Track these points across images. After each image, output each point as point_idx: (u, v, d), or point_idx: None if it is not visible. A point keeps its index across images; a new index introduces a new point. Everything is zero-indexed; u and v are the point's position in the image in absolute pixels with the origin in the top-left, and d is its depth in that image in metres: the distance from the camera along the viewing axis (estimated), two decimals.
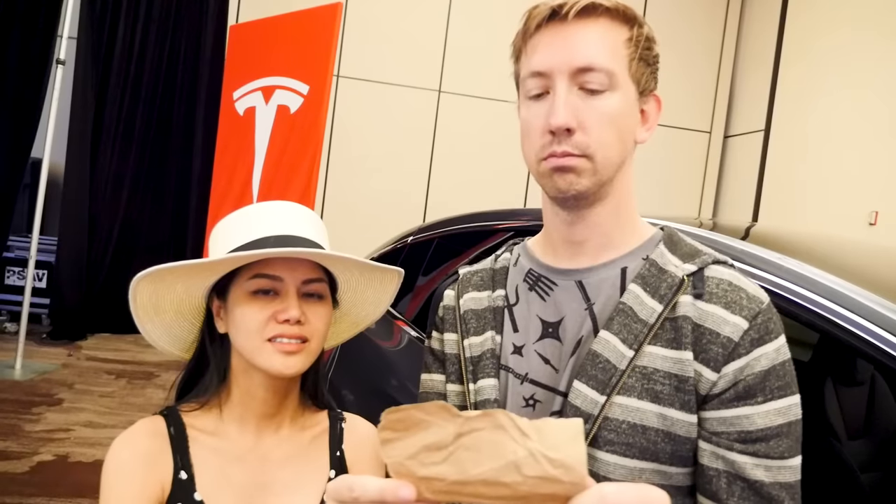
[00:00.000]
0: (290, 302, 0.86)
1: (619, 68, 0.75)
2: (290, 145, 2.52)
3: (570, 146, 0.74)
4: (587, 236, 0.81)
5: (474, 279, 0.92)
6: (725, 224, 1.75)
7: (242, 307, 0.87)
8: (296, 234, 0.90)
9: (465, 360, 0.86)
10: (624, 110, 0.76)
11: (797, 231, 1.69)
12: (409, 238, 2.32)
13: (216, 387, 0.92)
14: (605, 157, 0.75)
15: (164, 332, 0.96)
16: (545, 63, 0.76)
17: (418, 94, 6.00)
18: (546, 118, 0.75)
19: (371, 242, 3.97)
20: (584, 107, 0.74)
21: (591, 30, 0.75)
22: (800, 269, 1.09)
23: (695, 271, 0.76)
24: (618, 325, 0.75)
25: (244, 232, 0.89)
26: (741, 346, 0.72)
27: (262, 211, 0.92)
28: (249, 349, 0.87)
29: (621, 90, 0.75)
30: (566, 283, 0.82)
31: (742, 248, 1.21)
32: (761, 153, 5.88)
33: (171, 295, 0.90)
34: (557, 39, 0.75)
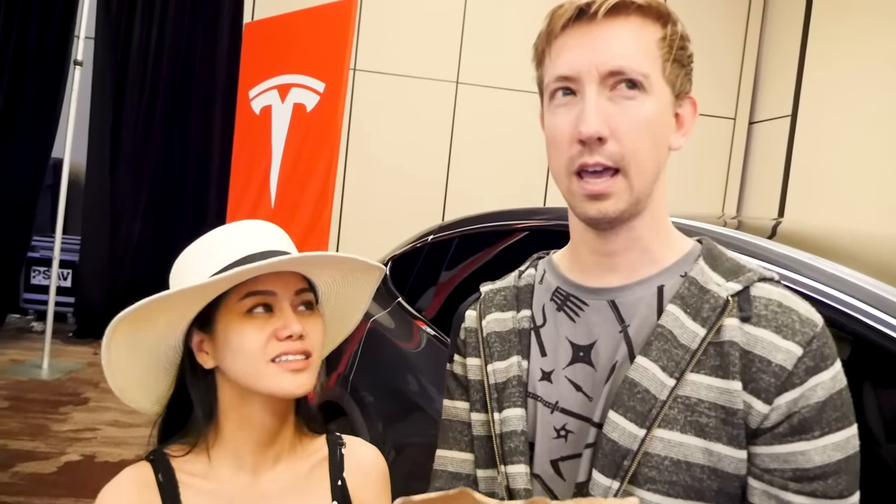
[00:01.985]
0: (289, 317, 0.82)
1: (653, 70, 0.70)
2: (307, 144, 2.49)
3: (603, 156, 0.68)
4: (620, 253, 0.75)
5: (497, 298, 0.86)
6: (750, 222, 1.69)
7: (238, 330, 0.82)
8: (275, 248, 0.87)
9: (490, 386, 0.80)
10: (659, 115, 0.71)
11: (827, 227, 1.62)
12: (430, 237, 2.28)
13: (203, 427, 0.86)
14: (640, 169, 0.70)
15: (137, 385, 0.89)
16: (572, 66, 0.70)
17: (435, 85, 5.94)
18: (575, 126, 0.69)
19: (391, 238, 3.94)
20: (616, 112, 0.68)
21: (623, 29, 0.69)
22: (833, 271, 1.04)
23: (740, 290, 0.70)
24: (656, 351, 0.69)
25: (225, 253, 0.85)
26: (795, 376, 0.66)
27: (235, 231, 0.89)
28: (253, 374, 0.82)
29: (656, 94, 0.70)
30: (598, 302, 0.76)
31: (773, 248, 1.16)
32: (788, 140, 5.74)
33: (152, 332, 0.84)
34: (585, 40, 0.69)
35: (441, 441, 0.89)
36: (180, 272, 0.88)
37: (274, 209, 2.60)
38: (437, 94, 5.93)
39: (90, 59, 4.96)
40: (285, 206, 2.54)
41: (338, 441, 0.95)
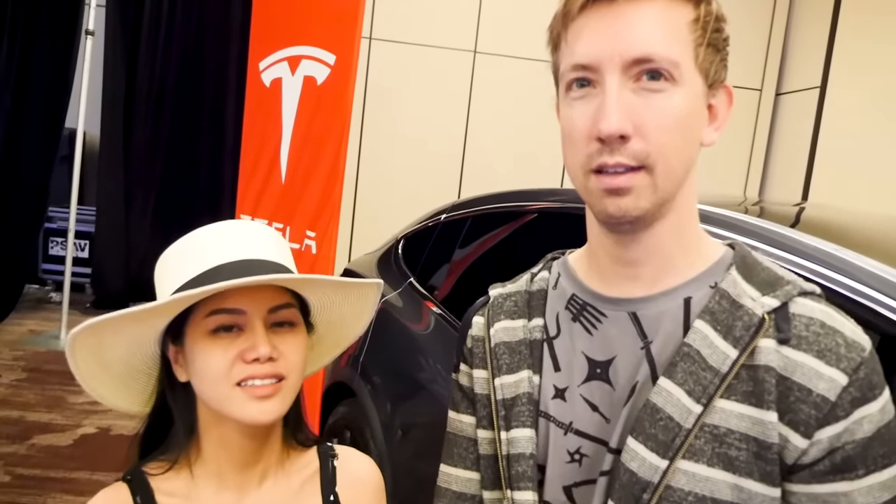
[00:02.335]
0: (258, 337, 0.74)
1: (684, 57, 0.61)
2: (318, 118, 2.42)
3: (626, 156, 0.60)
4: (642, 259, 0.67)
5: (507, 304, 0.78)
6: (773, 208, 1.61)
7: (203, 350, 0.75)
8: (253, 256, 0.78)
9: (497, 402, 0.73)
10: (690, 108, 0.62)
11: (853, 213, 1.54)
12: (443, 216, 2.23)
13: (184, 443, 0.80)
14: (667, 168, 0.62)
15: (117, 387, 0.82)
16: (591, 53, 0.62)
17: (453, 55, 5.82)
18: (593, 122, 0.61)
19: (407, 208, 3.88)
20: (641, 106, 0.60)
21: (649, 10, 0.61)
22: (858, 262, 0.97)
23: (777, 307, 0.62)
24: (682, 373, 0.62)
25: (194, 262, 0.77)
26: (839, 408, 0.58)
27: (212, 235, 0.80)
28: (217, 398, 0.75)
29: (686, 84, 0.62)
30: (617, 314, 0.68)
31: (794, 236, 1.09)
32: (816, 112, 5.56)
33: (117, 347, 0.77)
34: (606, 23, 0.61)
35: (445, 455, 0.83)
36: (160, 273, 0.81)
37: (284, 185, 2.55)
38: (454, 63, 5.81)
39: (101, 29, 4.90)
40: (295, 182, 2.49)
41: (329, 452, 0.89)
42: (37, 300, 5.44)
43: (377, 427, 1.99)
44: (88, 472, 2.76)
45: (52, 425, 3.17)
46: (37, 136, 4.74)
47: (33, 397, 3.46)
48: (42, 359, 4.03)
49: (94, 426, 3.21)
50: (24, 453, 2.86)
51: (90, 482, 2.68)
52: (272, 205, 2.64)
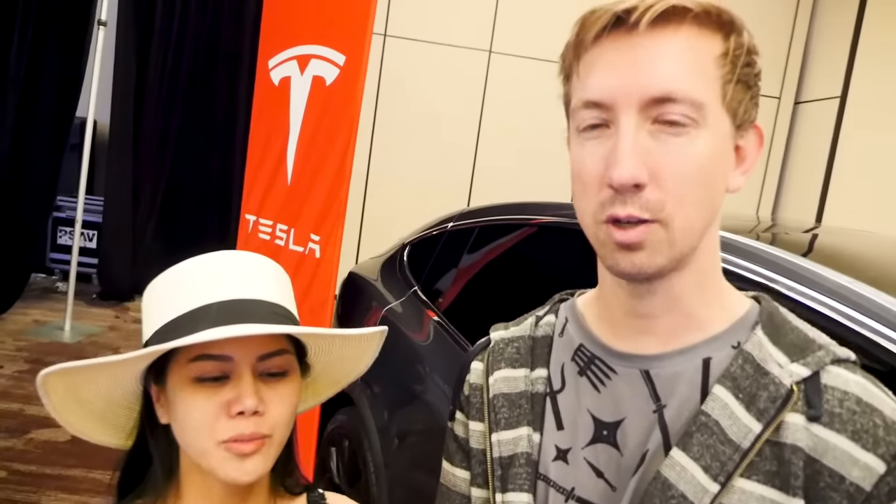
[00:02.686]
0: (244, 388, 0.66)
1: (710, 96, 0.55)
2: (326, 119, 2.37)
3: (638, 207, 0.54)
4: (658, 313, 0.61)
5: (508, 351, 0.71)
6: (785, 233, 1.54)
7: (184, 399, 0.68)
8: (245, 295, 0.70)
9: (493, 460, 0.67)
10: (714, 154, 0.56)
11: (869, 239, 1.47)
12: (449, 224, 2.17)
13: (162, 487, 0.73)
14: (686, 222, 0.55)
15: (96, 424, 0.75)
16: (605, 89, 0.56)
17: (467, 54, 5.76)
18: (606, 167, 0.55)
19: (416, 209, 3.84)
20: (659, 151, 0.54)
21: (672, 44, 0.54)
22: (874, 297, 0.91)
23: (807, 377, 0.55)
24: (698, 446, 0.56)
25: (179, 300, 0.70)
26: (875, 499, 0.52)
27: (201, 269, 0.72)
28: (196, 452, 0.69)
29: (711, 126, 0.55)
30: (628, 371, 0.62)
31: (806, 266, 1.02)
32: (835, 123, 5.46)
33: (94, 386, 0.70)
34: (623, 56, 0.55)
35: None
36: (147, 306, 0.75)
37: (290, 186, 2.50)
38: (469, 62, 5.75)
39: (114, 20, 4.88)
40: (301, 183, 2.44)
41: (319, 500, 0.83)
42: (43, 289, 5.43)
43: (374, 436, 1.95)
44: (84, 469, 2.73)
45: (50, 420, 3.07)
46: (48, 125, 4.72)
47: (34, 390, 3.40)
48: (45, 350, 4.02)
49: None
50: (21, 448, 2.84)
51: (86, 480, 2.65)
52: (277, 206, 2.59)
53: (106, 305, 5.20)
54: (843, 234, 1.52)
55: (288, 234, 2.52)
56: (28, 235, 4.89)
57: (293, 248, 2.48)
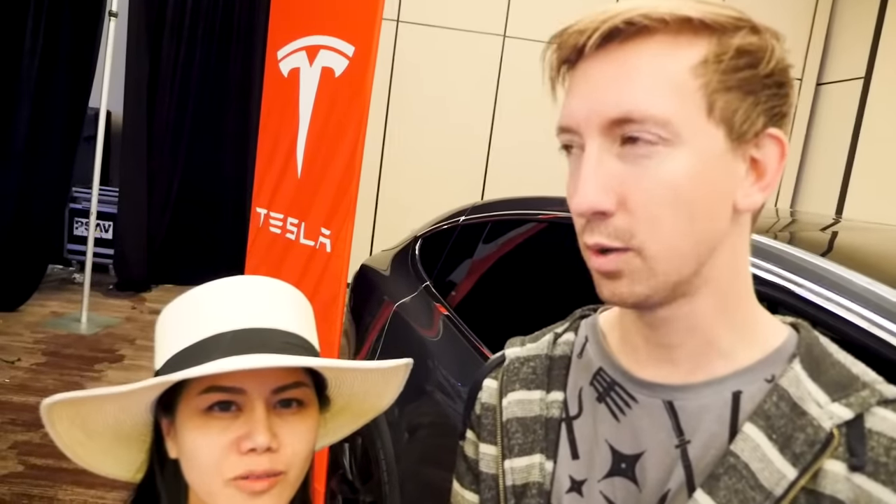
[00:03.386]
0: (256, 423, 0.63)
1: (685, 111, 0.49)
2: (335, 111, 2.33)
3: (605, 236, 0.51)
4: (677, 342, 0.56)
5: (524, 371, 0.67)
6: (805, 231, 1.48)
7: (192, 431, 0.64)
8: (262, 324, 0.67)
9: (506, 489, 0.63)
10: (695, 173, 0.50)
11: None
12: (461, 218, 2.13)
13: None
14: (663, 249, 0.51)
15: (105, 455, 0.72)
16: (571, 114, 0.53)
17: (481, 39, 5.68)
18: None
19: (430, 197, 3.80)
20: (628, 174, 0.50)
21: (633, 58, 0.50)
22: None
23: (850, 420, 0.50)
24: (726, 490, 0.51)
25: (191, 327, 0.67)
26: None
27: (217, 295, 0.69)
28: (205, 491, 0.65)
29: (690, 143, 0.50)
30: (651, 401, 0.57)
31: (824, 266, 0.97)
32: (858, 105, 5.32)
33: (101, 416, 0.67)
34: (588, 76, 0.52)
35: None
36: (160, 332, 0.72)
37: (300, 179, 2.47)
38: (483, 47, 5.67)
39: (125, 11, 4.86)
40: (312, 176, 2.41)
41: None
42: (61, 280, 5.47)
43: (386, 433, 1.92)
44: None
45: None
46: (62, 116, 4.73)
47: (52, 383, 3.47)
48: (63, 342, 4.04)
49: None
50: (38, 442, 2.86)
51: (101, 476, 2.66)
52: (288, 199, 2.56)
53: (122, 296, 5.23)
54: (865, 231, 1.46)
55: (299, 228, 2.49)
56: (44, 227, 4.92)
57: (304, 241, 2.45)
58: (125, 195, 5.31)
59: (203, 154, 5.60)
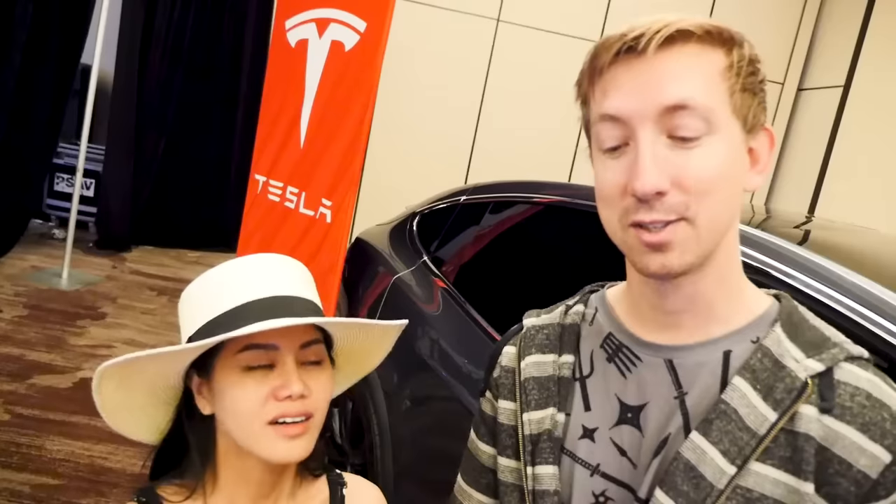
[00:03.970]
0: (291, 375, 0.74)
1: (719, 105, 0.60)
2: (343, 85, 2.37)
3: (663, 212, 0.59)
4: (683, 308, 0.66)
5: (539, 337, 0.77)
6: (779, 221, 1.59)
7: (233, 387, 0.74)
8: (285, 293, 0.77)
9: (524, 437, 0.73)
10: (731, 158, 0.61)
11: (863, 233, 1.53)
12: (462, 197, 2.21)
13: (200, 473, 0.80)
14: (710, 220, 0.60)
15: (137, 417, 0.82)
16: (622, 106, 0.61)
17: (475, 21, 5.70)
18: (628, 178, 0.60)
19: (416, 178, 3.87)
20: (677, 160, 0.59)
21: (679, 61, 0.59)
22: (868, 287, 0.96)
23: (822, 372, 0.60)
24: (717, 431, 0.61)
25: (222, 299, 0.77)
26: (881, 486, 0.56)
27: (241, 271, 0.79)
28: (246, 436, 0.75)
29: (723, 132, 0.60)
30: (654, 360, 0.67)
31: (804, 255, 1.08)
32: (836, 112, 5.49)
33: (141, 377, 0.77)
34: (634, 75, 0.60)
35: (463, 469, 0.85)
36: (187, 305, 0.81)
37: (303, 150, 2.51)
38: (475, 30, 5.70)
39: None
40: (314, 148, 2.46)
41: (339, 481, 0.90)
42: (40, 235, 5.42)
43: (381, 400, 2.00)
44: (87, 416, 2.78)
45: (52, 366, 3.19)
46: (52, 70, 4.66)
47: (34, 335, 3.48)
48: (44, 296, 4.04)
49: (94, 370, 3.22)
50: (23, 392, 2.89)
51: (88, 427, 2.71)
52: (289, 169, 2.61)
53: (102, 255, 5.21)
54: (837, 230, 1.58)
55: (298, 198, 2.54)
56: (29, 179, 4.86)
57: (303, 211, 2.51)
58: (111, 153, 5.27)
59: (191, 116, 5.57)
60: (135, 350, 0.78)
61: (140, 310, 4.17)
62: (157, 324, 3.98)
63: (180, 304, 0.81)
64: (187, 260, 5.54)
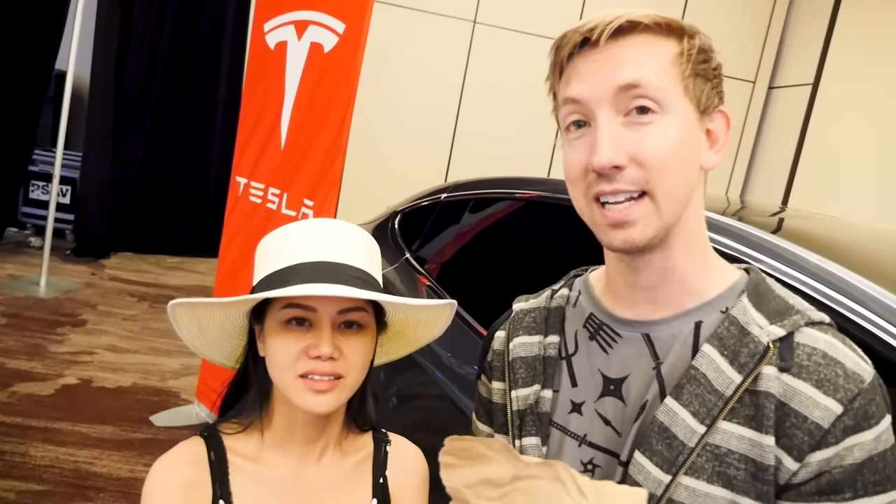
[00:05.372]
0: (323, 337, 0.79)
1: (671, 87, 0.65)
2: (323, 86, 2.39)
3: (623, 183, 0.65)
4: (656, 283, 0.71)
5: (526, 320, 0.83)
6: (755, 212, 1.65)
7: (274, 338, 0.82)
8: (335, 259, 0.82)
9: (513, 413, 0.79)
10: (684, 136, 0.66)
11: (834, 223, 1.59)
12: (443, 195, 2.24)
13: (259, 409, 0.88)
14: (668, 191, 0.65)
15: (212, 347, 0.92)
16: (581, 90, 0.66)
17: (451, 23, 5.75)
18: (588, 156, 0.66)
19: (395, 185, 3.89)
20: (634, 137, 0.65)
21: (632, 48, 0.65)
22: (841, 273, 1.01)
23: (783, 336, 0.65)
24: (688, 395, 0.66)
25: (281, 256, 0.83)
26: (831, 435, 0.61)
27: (301, 232, 0.85)
28: (281, 383, 0.82)
29: (675, 113, 0.65)
30: (632, 335, 0.73)
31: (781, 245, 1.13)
32: (806, 109, 5.62)
33: (212, 316, 0.87)
34: (592, 64, 0.66)
35: None
36: (258, 256, 0.88)
37: (284, 151, 2.53)
38: (452, 31, 5.74)
39: None
40: (296, 149, 2.47)
41: (383, 439, 0.95)
42: (16, 244, 5.36)
43: (367, 397, 2.02)
44: (70, 422, 2.77)
45: (32, 373, 3.16)
46: (27, 76, 4.61)
47: (13, 344, 3.45)
48: (22, 305, 4.00)
49: (76, 377, 3.21)
50: (4, 400, 2.86)
51: (72, 433, 2.70)
52: (270, 170, 2.62)
53: (81, 262, 5.16)
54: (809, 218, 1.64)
55: (280, 198, 2.56)
56: (3, 187, 4.81)
57: (285, 212, 2.52)
58: (89, 159, 5.22)
59: (170, 121, 5.54)
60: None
61: (121, 316, 4.14)
62: (140, 329, 3.96)
63: (255, 253, 0.88)
64: (167, 265, 5.51)
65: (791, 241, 1.14)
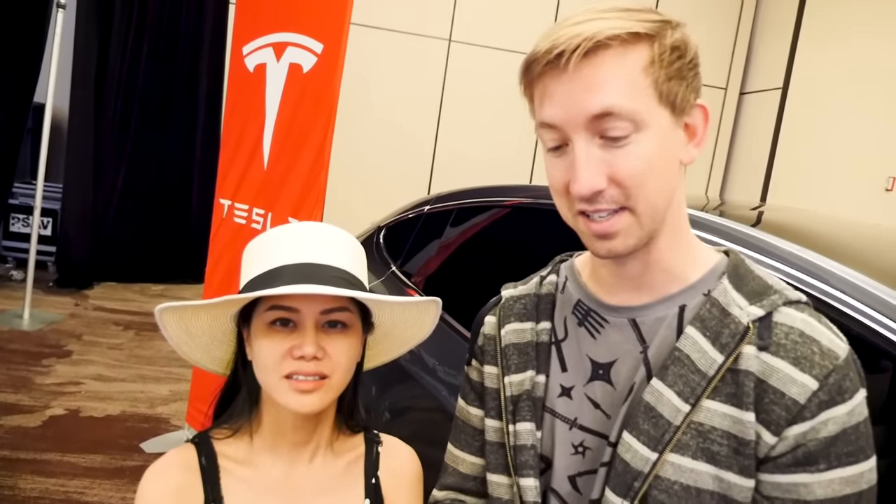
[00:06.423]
0: (306, 337, 0.80)
1: (644, 102, 0.64)
2: (303, 107, 2.42)
3: (605, 203, 0.66)
4: (641, 273, 0.73)
5: (517, 307, 0.84)
6: (734, 208, 1.70)
7: (260, 340, 0.83)
8: (319, 261, 0.83)
9: (506, 398, 0.80)
10: (662, 145, 0.66)
11: (812, 216, 1.64)
12: (426, 207, 2.27)
13: (248, 413, 0.89)
14: (648, 207, 0.67)
15: (202, 353, 0.92)
16: (555, 115, 0.66)
17: (427, 42, 5.83)
18: (569, 178, 0.67)
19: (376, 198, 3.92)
20: (611, 158, 0.65)
21: (601, 68, 0.63)
22: (819, 262, 1.05)
23: (762, 316, 0.67)
24: (673, 376, 0.68)
25: (266, 258, 0.85)
26: (807, 409, 0.63)
27: (286, 235, 0.86)
28: (267, 384, 0.83)
29: (651, 126, 0.65)
30: (619, 321, 0.75)
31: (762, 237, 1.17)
32: (777, 112, 5.75)
33: (199, 322, 0.87)
34: (562, 86, 0.65)
35: (453, 438, 0.91)
36: (245, 259, 0.89)
37: (266, 171, 2.55)
38: (428, 50, 5.82)
39: (73, 2, 4.78)
40: (278, 169, 2.50)
41: (375, 439, 0.96)
42: None
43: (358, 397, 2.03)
44: (59, 453, 2.74)
45: (19, 406, 3.13)
46: (5, 110, 4.60)
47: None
48: (6, 338, 3.96)
49: (63, 408, 3.18)
50: None
51: (62, 463, 2.67)
52: (253, 191, 2.64)
53: (64, 293, 5.11)
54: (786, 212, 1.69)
55: (265, 218, 2.57)
56: None
57: None
58: (70, 190, 5.19)
59: (150, 149, 5.54)
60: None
61: (107, 345, 4.11)
62: (126, 358, 3.93)
63: (242, 256, 0.90)
64: (151, 293, 5.48)
65: (766, 231, 1.19)
